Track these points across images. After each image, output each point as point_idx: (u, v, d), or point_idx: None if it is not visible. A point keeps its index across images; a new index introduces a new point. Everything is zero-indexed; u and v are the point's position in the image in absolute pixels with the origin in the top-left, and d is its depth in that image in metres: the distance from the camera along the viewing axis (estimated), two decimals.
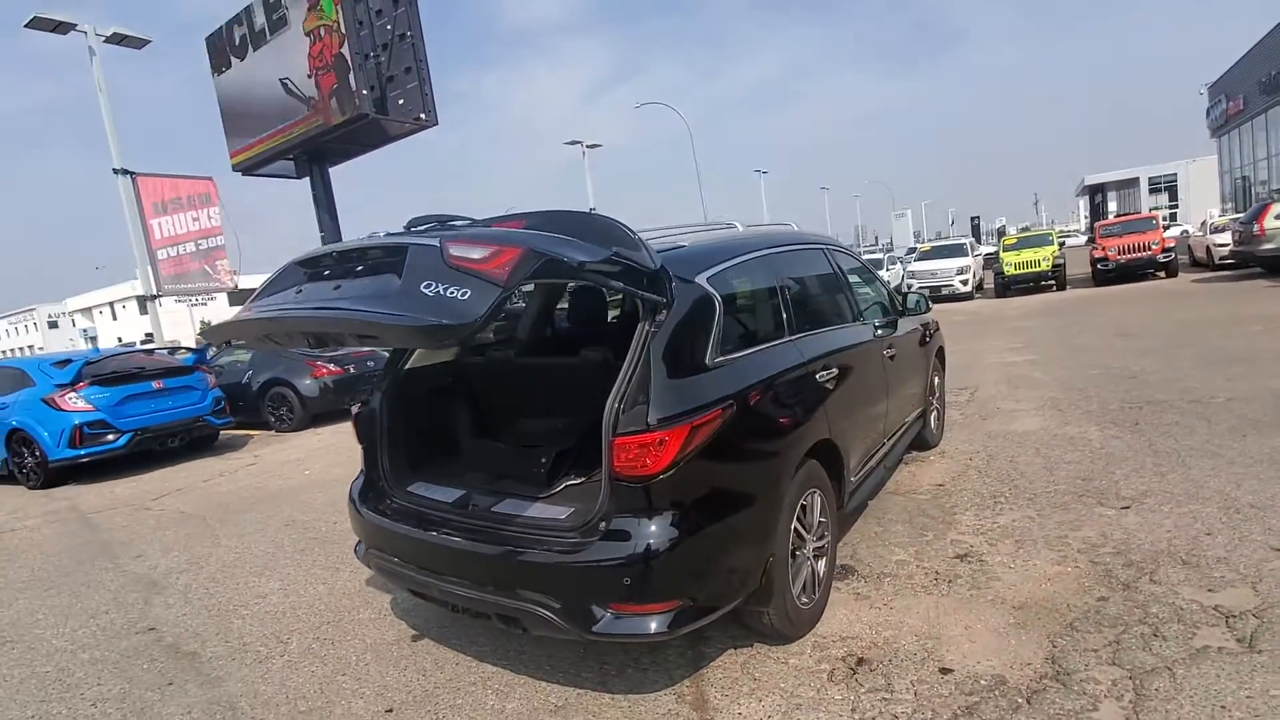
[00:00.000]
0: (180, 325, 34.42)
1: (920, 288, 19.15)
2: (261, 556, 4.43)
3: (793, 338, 2.86)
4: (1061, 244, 19.21)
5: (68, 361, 8.18)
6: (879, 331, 3.82)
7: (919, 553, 3.35)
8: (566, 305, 3.79)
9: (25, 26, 11.75)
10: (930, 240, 39.68)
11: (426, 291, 1.79)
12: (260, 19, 13.40)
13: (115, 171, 12.97)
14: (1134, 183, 45.80)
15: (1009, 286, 17.61)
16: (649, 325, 2.24)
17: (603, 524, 2.15)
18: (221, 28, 14.64)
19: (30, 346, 73.92)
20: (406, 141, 11.86)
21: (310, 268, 2.26)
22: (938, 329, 5.20)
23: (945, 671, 2.38)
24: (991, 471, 4.39)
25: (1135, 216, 19.80)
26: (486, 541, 2.35)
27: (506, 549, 2.28)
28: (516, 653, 2.80)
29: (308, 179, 13.43)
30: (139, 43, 13.11)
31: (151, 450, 8.28)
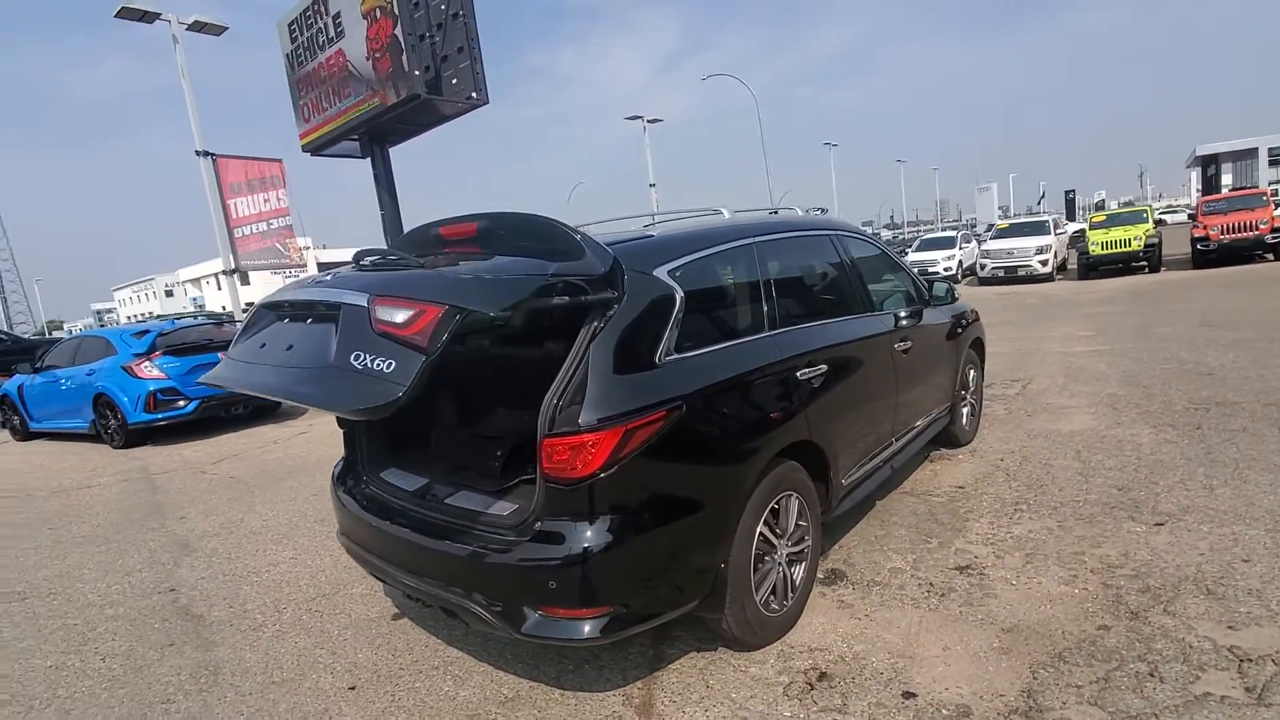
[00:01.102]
0: None
1: (995, 268, 17.96)
2: (285, 525, 4.67)
3: (772, 333, 2.70)
4: (1159, 222, 17.53)
5: (145, 332, 8.86)
6: (901, 323, 3.58)
7: (917, 561, 3.16)
8: None
9: (115, 17, 12.58)
10: (1014, 217, 37.14)
11: (356, 364, 1.86)
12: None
13: (198, 154, 13.86)
14: (1252, 154, 41.02)
15: (1094, 268, 16.26)
16: (596, 321, 2.15)
17: (537, 524, 2.11)
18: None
19: (150, 313, 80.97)
20: (482, 117, 12.08)
21: (275, 312, 2.42)
22: (976, 319, 4.85)
23: (908, 696, 2.23)
24: (1021, 475, 4.08)
25: (1242, 192, 17.74)
26: (431, 534, 2.36)
27: (447, 542, 2.28)
28: (484, 639, 2.83)
29: (369, 159, 13.87)
30: (218, 29, 13.85)
31: (218, 416, 8.89)
